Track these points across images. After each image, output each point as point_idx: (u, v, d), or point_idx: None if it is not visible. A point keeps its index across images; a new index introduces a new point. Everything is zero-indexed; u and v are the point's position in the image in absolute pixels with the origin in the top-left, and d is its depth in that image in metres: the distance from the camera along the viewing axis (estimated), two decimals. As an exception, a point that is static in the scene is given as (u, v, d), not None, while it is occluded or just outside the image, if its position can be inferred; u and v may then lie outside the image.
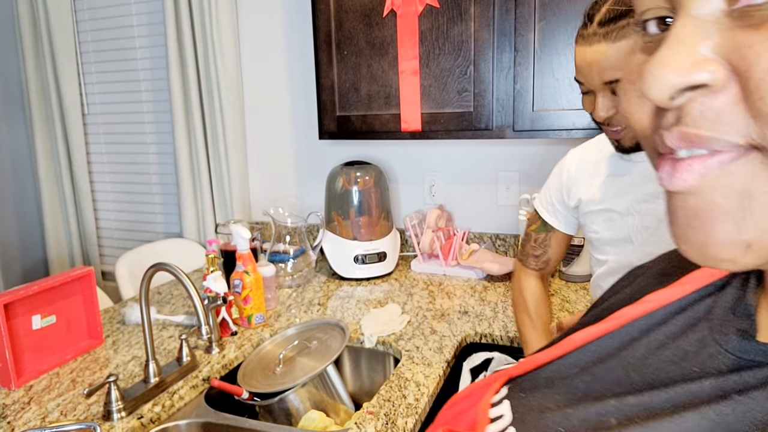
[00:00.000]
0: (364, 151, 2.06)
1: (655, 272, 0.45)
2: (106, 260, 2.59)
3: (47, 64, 2.35)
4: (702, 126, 0.24)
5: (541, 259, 1.24)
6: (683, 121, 0.25)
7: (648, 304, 0.39)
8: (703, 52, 0.24)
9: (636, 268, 0.50)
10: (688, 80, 0.24)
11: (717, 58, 0.23)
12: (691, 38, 0.24)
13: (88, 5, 2.38)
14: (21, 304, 1.19)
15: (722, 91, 0.24)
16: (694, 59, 0.24)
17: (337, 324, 1.31)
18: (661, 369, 0.34)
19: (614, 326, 0.40)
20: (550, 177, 1.22)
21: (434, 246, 1.84)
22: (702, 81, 0.24)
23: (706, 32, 0.24)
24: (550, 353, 0.43)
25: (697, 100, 0.24)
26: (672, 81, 0.24)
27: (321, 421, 1.10)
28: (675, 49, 0.24)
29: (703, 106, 0.24)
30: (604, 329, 0.41)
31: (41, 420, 1.04)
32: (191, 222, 2.26)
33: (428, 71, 1.60)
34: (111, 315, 1.57)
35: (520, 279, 1.28)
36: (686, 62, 0.24)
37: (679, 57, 0.24)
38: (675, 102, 0.25)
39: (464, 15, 1.53)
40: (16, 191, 2.60)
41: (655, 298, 0.39)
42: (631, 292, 0.45)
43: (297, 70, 2.10)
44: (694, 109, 0.24)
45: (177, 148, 2.20)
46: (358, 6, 1.64)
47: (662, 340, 0.36)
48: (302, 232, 1.81)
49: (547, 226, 1.22)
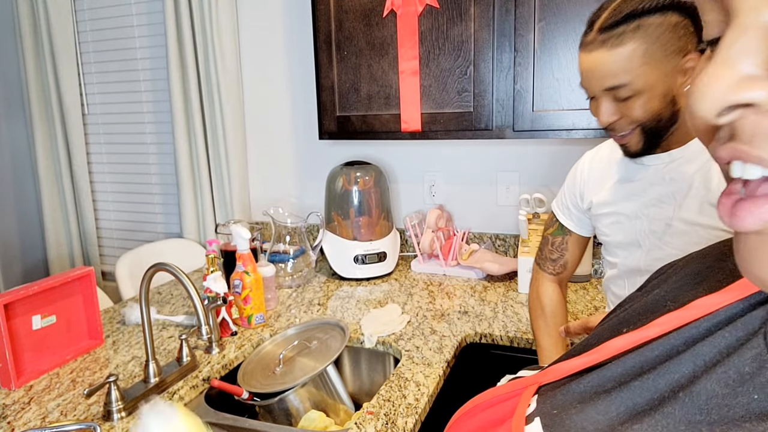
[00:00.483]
0: (364, 151, 2.06)
1: (689, 273, 0.41)
2: (106, 260, 2.59)
3: (47, 64, 2.35)
4: (753, 143, 0.24)
5: (559, 263, 1.23)
6: (737, 138, 0.25)
7: (693, 311, 0.36)
8: (748, 70, 0.23)
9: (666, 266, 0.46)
10: (733, 99, 0.24)
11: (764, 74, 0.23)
12: (737, 54, 0.23)
13: (88, 5, 2.38)
14: (21, 304, 1.19)
15: None
16: (739, 77, 0.23)
17: (337, 324, 1.31)
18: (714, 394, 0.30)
19: (655, 334, 0.36)
20: (566, 179, 1.22)
21: (434, 246, 1.84)
22: (747, 101, 0.23)
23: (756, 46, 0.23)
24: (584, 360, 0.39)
25: (749, 118, 0.24)
26: (717, 100, 0.24)
27: (321, 421, 1.10)
28: (720, 67, 0.24)
29: (755, 125, 0.24)
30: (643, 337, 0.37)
31: (41, 420, 1.04)
32: (191, 222, 2.26)
33: (428, 71, 1.61)
34: (111, 315, 1.57)
35: (537, 283, 1.26)
36: (730, 81, 0.23)
37: (723, 76, 0.24)
38: (723, 119, 0.25)
39: (464, 15, 1.53)
40: (16, 191, 2.60)
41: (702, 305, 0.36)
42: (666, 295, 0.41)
43: (297, 71, 2.10)
44: (746, 126, 0.24)
45: (177, 148, 2.20)
46: (358, 6, 1.64)
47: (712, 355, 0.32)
48: (302, 232, 1.81)
49: (564, 229, 1.21)
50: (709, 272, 0.39)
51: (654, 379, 0.34)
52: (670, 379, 0.33)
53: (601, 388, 0.36)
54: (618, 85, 0.92)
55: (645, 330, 0.37)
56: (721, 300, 0.35)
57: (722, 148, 0.26)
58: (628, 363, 0.36)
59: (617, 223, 1.11)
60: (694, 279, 0.40)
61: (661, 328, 0.36)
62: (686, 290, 0.39)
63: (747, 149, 0.24)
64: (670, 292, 0.41)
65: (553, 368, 0.41)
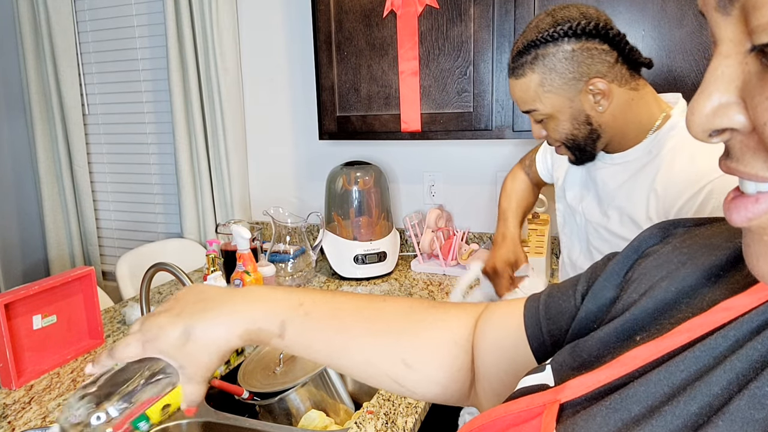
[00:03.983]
0: (364, 152, 2.07)
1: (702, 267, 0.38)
2: (107, 260, 2.59)
3: (48, 65, 2.36)
4: (741, 161, 0.26)
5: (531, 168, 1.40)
6: (729, 156, 0.27)
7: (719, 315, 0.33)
8: (722, 99, 0.25)
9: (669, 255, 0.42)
10: (711, 126, 0.26)
11: (739, 101, 0.25)
12: (716, 83, 0.26)
13: (89, 6, 2.38)
14: (22, 304, 1.20)
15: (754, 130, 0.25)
16: (716, 105, 0.26)
17: (337, 324, 1.31)
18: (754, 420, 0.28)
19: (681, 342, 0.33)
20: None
21: (434, 246, 1.84)
22: (724, 126, 0.26)
23: (733, 74, 0.25)
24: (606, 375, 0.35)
25: (736, 138, 0.26)
26: (701, 126, 0.26)
27: (321, 420, 1.10)
28: (700, 96, 0.26)
29: (741, 144, 0.26)
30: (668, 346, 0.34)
31: (42, 420, 1.05)
32: (192, 222, 2.26)
33: (428, 72, 1.61)
34: (112, 315, 1.57)
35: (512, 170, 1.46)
36: (708, 110, 0.26)
37: (702, 104, 0.26)
38: (714, 140, 0.27)
39: (464, 16, 1.53)
40: (16, 191, 2.60)
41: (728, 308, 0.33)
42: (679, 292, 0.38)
43: (297, 71, 2.10)
44: (735, 146, 0.26)
45: (177, 149, 2.20)
46: (358, 7, 1.64)
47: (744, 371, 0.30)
48: (302, 232, 1.82)
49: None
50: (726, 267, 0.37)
51: (686, 403, 0.31)
52: (702, 402, 0.30)
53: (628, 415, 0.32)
54: (530, 110, 1.00)
55: (669, 338, 0.34)
56: (748, 302, 0.33)
57: (722, 164, 0.28)
58: (654, 383, 0.33)
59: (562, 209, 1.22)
60: (707, 274, 0.37)
61: (687, 335, 0.34)
62: (702, 288, 0.37)
63: (737, 166, 0.26)
64: (682, 289, 0.38)
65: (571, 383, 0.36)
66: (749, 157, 0.26)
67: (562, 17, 0.92)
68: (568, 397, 0.36)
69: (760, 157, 0.25)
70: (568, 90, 0.94)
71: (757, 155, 0.25)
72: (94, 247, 2.52)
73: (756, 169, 0.26)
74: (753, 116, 0.24)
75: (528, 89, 0.97)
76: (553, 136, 1.02)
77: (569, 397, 0.36)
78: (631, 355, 0.35)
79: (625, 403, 0.33)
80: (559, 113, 0.98)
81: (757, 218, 0.26)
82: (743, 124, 0.25)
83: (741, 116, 0.25)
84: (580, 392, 0.35)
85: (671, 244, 0.43)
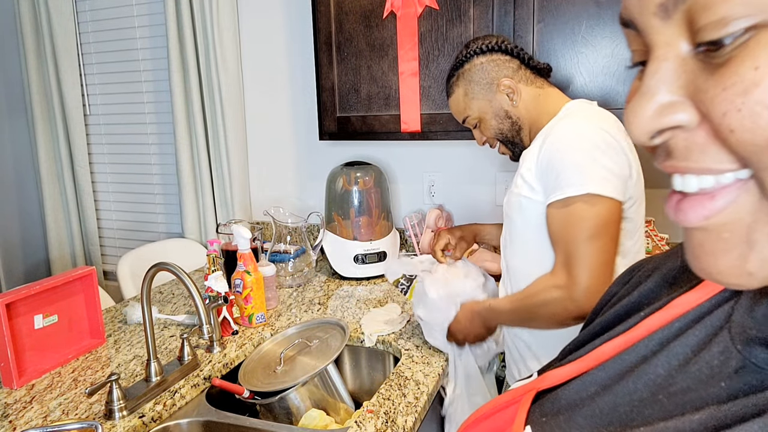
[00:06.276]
0: (364, 152, 2.07)
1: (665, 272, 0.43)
2: (108, 260, 2.60)
3: (49, 65, 2.36)
4: (689, 158, 0.26)
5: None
6: (672, 156, 0.27)
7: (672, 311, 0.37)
8: (666, 99, 0.26)
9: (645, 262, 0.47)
10: (657, 126, 0.26)
11: (684, 99, 0.26)
12: (657, 84, 0.26)
13: (90, 6, 2.39)
14: (23, 304, 1.20)
15: (700, 126, 0.26)
16: (659, 106, 0.26)
17: (338, 323, 1.32)
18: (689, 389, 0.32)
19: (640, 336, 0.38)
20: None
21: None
22: (672, 125, 0.26)
23: (673, 75, 0.26)
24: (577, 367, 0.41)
25: (680, 136, 0.26)
26: (644, 128, 0.27)
27: (321, 419, 1.10)
28: (642, 98, 0.27)
29: (686, 141, 0.26)
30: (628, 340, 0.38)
31: (43, 419, 1.05)
32: (192, 222, 2.26)
33: (428, 72, 1.61)
34: (113, 314, 1.58)
35: None
36: (652, 111, 0.26)
37: (645, 107, 0.26)
38: (656, 141, 0.27)
39: (463, 17, 1.53)
40: (18, 191, 2.61)
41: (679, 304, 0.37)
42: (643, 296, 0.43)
43: (297, 71, 2.10)
44: (679, 144, 0.27)
45: (178, 149, 2.20)
46: (358, 8, 1.65)
47: (685, 354, 0.34)
48: (303, 232, 1.82)
49: None
50: (683, 270, 0.40)
51: (634, 382, 0.35)
52: (648, 381, 0.35)
53: (586, 393, 0.38)
54: (465, 119, 1.24)
55: (630, 334, 0.38)
56: (696, 297, 0.36)
57: (662, 165, 0.28)
58: (609, 367, 0.38)
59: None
60: (668, 278, 0.42)
61: (645, 329, 0.38)
62: (662, 290, 0.41)
63: (685, 164, 0.27)
64: (647, 293, 0.42)
65: (548, 374, 0.42)
66: (697, 153, 0.26)
67: (472, 44, 1.19)
68: (546, 385, 0.42)
69: (709, 150, 0.26)
70: (486, 93, 1.18)
71: (706, 149, 0.26)
72: (95, 246, 2.53)
73: (707, 163, 0.26)
74: (706, 110, 0.25)
75: (458, 102, 1.23)
76: (486, 135, 1.24)
77: (546, 386, 0.42)
78: (599, 351, 0.40)
79: (583, 385, 0.39)
80: (485, 114, 1.20)
81: (715, 216, 0.26)
82: (688, 121, 0.26)
83: (685, 114, 0.26)
84: (554, 382, 0.42)
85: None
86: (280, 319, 1.49)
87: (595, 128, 1.01)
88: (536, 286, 1.06)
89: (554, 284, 1.01)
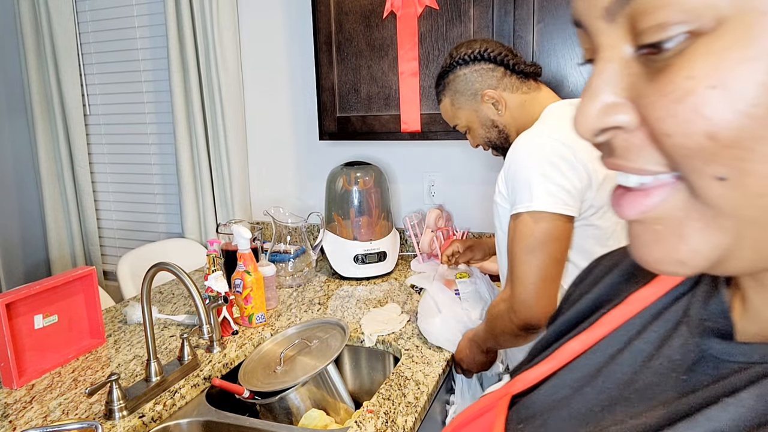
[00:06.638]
0: (364, 152, 2.07)
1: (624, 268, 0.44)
2: (108, 260, 2.60)
3: (49, 65, 2.36)
4: (627, 158, 0.28)
5: None
6: (614, 154, 0.29)
7: (631, 306, 0.39)
8: (609, 99, 0.27)
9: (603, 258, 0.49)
10: (600, 125, 0.28)
11: (625, 101, 0.27)
12: (600, 85, 0.28)
13: (90, 6, 2.39)
14: (23, 304, 1.20)
15: (639, 128, 0.27)
16: (602, 106, 0.28)
17: (338, 323, 1.32)
18: (654, 385, 0.34)
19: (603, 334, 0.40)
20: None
21: (434, 246, 1.85)
22: (611, 125, 0.28)
23: (616, 77, 0.27)
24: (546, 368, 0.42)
25: (620, 137, 0.28)
26: (588, 125, 0.28)
27: (321, 419, 1.10)
28: (586, 99, 0.28)
29: (626, 142, 0.28)
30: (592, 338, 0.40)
31: (43, 419, 1.05)
32: (192, 222, 2.27)
33: (428, 72, 1.61)
34: (113, 314, 1.58)
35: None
36: (595, 110, 0.28)
37: (589, 106, 0.28)
38: (599, 139, 0.29)
39: (463, 17, 1.53)
40: (18, 191, 2.61)
41: (638, 299, 0.39)
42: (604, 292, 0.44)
43: (297, 71, 2.10)
44: (619, 144, 0.28)
45: (178, 149, 2.20)
46: (358, 8, 1.65)
47: (647, 350, 0.36)
48: (303, 232, 1.82)
49: None
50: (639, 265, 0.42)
51: (603, 381, 0.37)
52: (616, 379, 0.36)
53: (559, 396, 0.39)
54: (455, 126, 1.26)
55: (593, 331, 0.40)
56: (653, 292, 0.39)
57: (605, 162, 0.30)
58: (578, 368, 0.40)
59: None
60: (626, 273, 0.43)
61: (607, 327, 0.40)
62: (621, 285, 0.43)
63: (623, 163, 0.28)
64: (607, 289, 0.44)
65: (520, 377, 0.44)
66: (634, 154, 0.28)
67: (455, 53, 1.18)
68: (518, 389, 0.43)
69: (645, 152, 0.27)
70: (471, 103, 1.19)
71: (642, 151, 0.27)
72: (95, 246, 2.53)
73: (641, 164, 0.27)
74: (645, 113, 0.26)
75: (447, 110, 1.24)
76: (477, 142, 1.26)
77: (519, 389, 0.43)
78: (566, 348, 0.41)
79: (556, 388, 0.40)
80: (472, 123, 1.22)
81: (650, 211, 0.28)
82: (628, 122, 0.27)
83: (625, 115, 0.27)
84: (526, 384, 0.43)
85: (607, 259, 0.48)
86: (280, 319, 1.49)
87: (551, 141, 1.01)
88: (494, 301, 1.12)
89: (501, 298, 1.07)
